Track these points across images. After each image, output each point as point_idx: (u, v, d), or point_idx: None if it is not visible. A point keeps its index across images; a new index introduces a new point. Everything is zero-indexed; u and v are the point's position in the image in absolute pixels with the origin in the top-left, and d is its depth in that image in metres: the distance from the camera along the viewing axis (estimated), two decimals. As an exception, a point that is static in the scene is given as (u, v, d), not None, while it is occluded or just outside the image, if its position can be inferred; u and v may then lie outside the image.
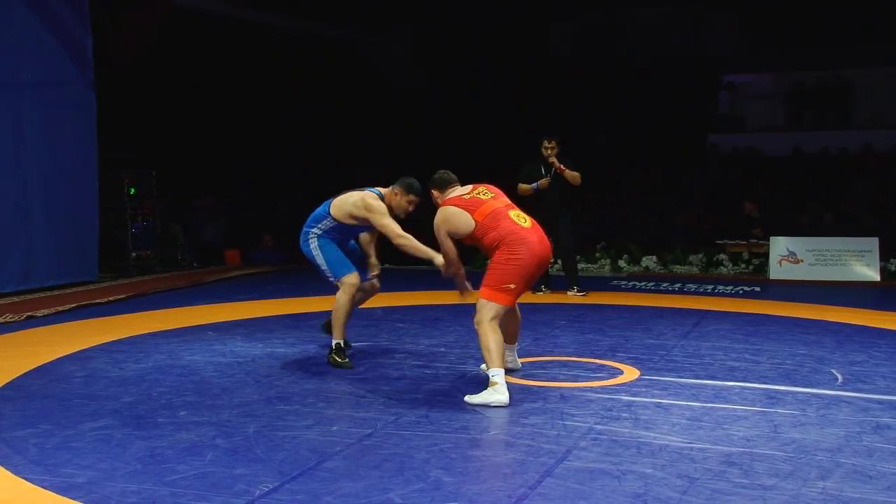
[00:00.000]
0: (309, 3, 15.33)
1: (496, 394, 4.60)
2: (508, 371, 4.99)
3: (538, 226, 5.00)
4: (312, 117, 15.22)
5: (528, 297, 8.09)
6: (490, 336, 4.69)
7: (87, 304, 8.31)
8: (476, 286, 5.03)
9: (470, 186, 5.16)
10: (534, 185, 8.61)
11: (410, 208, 5.64)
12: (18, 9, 9.02)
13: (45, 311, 7.81)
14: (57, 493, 3.37)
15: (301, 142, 15.51)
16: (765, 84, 17.83)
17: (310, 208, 5.92)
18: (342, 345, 5.63)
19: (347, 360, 5.56)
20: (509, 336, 5.16)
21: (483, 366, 4.99)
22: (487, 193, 5.07)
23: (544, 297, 8.74)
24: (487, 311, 4.75)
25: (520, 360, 5.49)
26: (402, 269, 12.04)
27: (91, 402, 4.71)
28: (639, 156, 15.93)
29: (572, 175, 8.68)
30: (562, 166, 8.64)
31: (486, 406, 4.56)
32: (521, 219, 4.97)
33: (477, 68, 17.52)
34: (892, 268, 10.43)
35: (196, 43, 14.16)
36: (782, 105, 17.45)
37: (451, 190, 5.21)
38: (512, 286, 4.79)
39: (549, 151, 8.71)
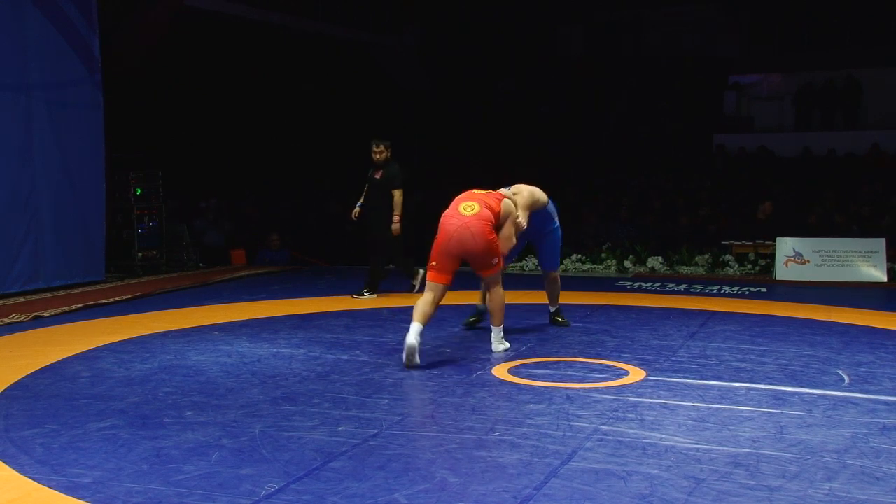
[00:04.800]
0: (316, 4, 15.36)
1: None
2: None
3: (477, 216, 5.77)
4: (320, 117, 15.25)
5: (538, 298, 8.10)
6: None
7: (94, 304, 8.33)
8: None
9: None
10: (396, 217, 8.55)
11: None
12: (27, 9, 9.05)
13: (52, 312, 7.83)
14: (63, 492, 3.38)
15: (308, 142, 15.53)
16: (772, 85, 17.80)
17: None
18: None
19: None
20: (418, 314, 5.61)
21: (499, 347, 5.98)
22: (479, 191, 6.07)
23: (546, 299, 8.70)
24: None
25: (418, 344, 5.54)
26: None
27: (97, 402, 4.72)
28: (645, 156, 15.92)
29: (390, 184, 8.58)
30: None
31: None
32: (465, 207, 5.85)
33: (485, 69, 17.52)
34: (900, 269, 10.39)
35: (204, 44, 14.20)
36: (790, 106, 17.40)
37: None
38: (433, 263, 5.79)
39: (378, 156, 8.63)
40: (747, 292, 9.32)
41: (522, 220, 6.30)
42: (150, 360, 5.81)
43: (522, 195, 6.45)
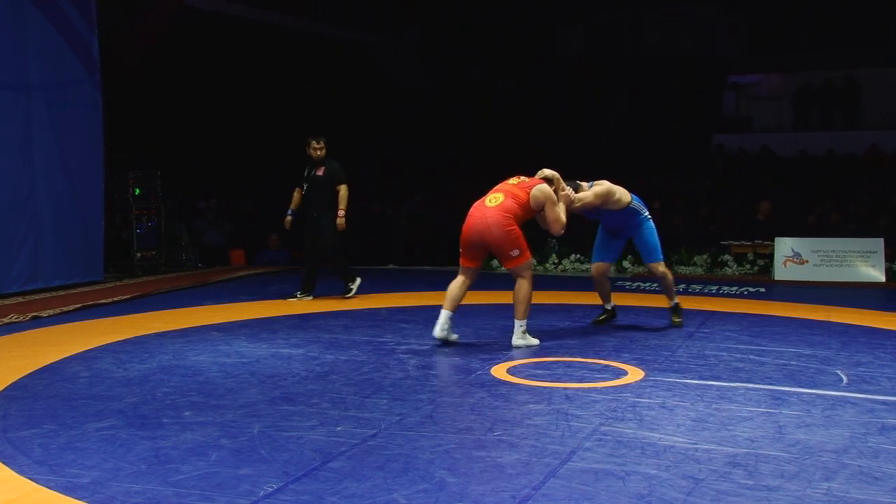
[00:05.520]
0: (316, 4, 15.36)
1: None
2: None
3: (500, 205, 5.99)
4: (320, 118, 15.23)
5: (534, 298, 8.09)
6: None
7: (92, 304, 8.33)
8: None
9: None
10: (341, 212, 8.50)
11: None
12: (27, 9, 9.05)
13: (50, 312, 7.82)
14: (62, 493, 3.38)
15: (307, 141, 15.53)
16: (771, 85, 17.80)
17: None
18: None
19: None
20: (447, 299, 6.11)
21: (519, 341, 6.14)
22: (513, 181, 6.25)
23: (549, 298, 8.72)
24: None
25: (454, 335, 6.20)
26: (406, 270, 12.06)
27: (96, 403, 4.72)
28: (645, 156, 15.92)
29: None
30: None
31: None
32: (491, 199, 6.08)
33: (485, 69, 17.53)
34: (898, 269, 10.40)
35: (203, 44, 14.19)
36: (789, 106, 17.41)
37: None
38: (461, 250, 6.15)
39: (320, 152, 8.61)
40: (746, 292, 9.32)
41: (571, 194, 6.41)
42: (148, 361, 5.81)
43: (601, 186, 6.62)
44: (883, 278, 10.20)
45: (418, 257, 12.81)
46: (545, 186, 6.24)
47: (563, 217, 6.27)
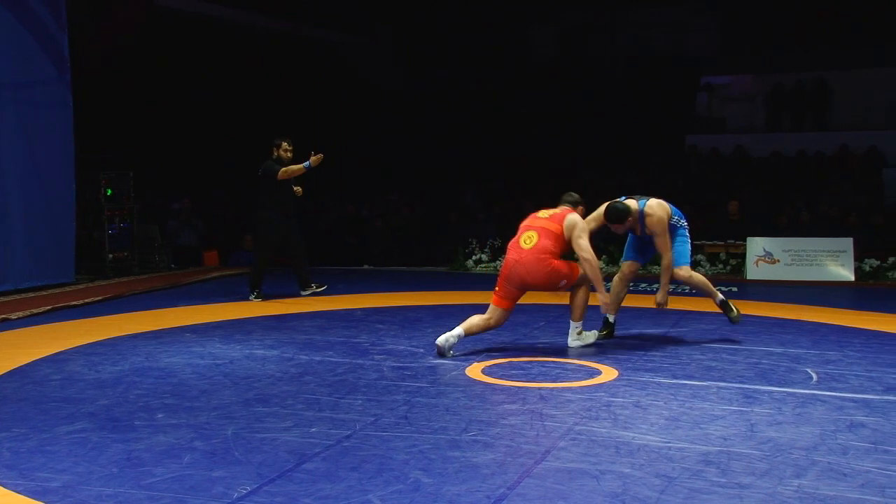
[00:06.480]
0: (289, 4, 15.29)
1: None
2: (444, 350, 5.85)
3: (534, 249, 5.85)
4: (292, 117, 15.18)
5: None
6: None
7: (63, 306, 8.24)
8: None
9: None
10: (305, 163, 8.42)
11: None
12: (-6, 8, 8.93)
13: (20, 314, 7.72)
14: (31, 497, 3.33)
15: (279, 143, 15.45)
16: (744, 85, 17.97)
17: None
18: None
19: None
20: (467, 321, 6.00)
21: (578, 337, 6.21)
22: (543, 214, 6.12)
23: (524, 298, 8.72)
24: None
25: (451, 353, 5.92)
26: (381, 270, 12.05)
27: (67, 405, 4.66)
28: (618, 156, 16.01)
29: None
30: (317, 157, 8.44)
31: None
32: (525, 239, 5.96)
33: (457, 69, 17.54)
34: (867, 268, 10.55)
35: (175, 44, 14.08)
36: (762, 107, 17.58)
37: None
38: (497, 289, 6.03)
39: (292, 154, 8.65)
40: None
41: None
42: (121, 363, 5.75)
43: (655, 218, 6.22)
44: (852, 277, 10.34)
45: (395, 257, 12.80)
46: (573, 218, 6.02)
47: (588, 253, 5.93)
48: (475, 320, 5.98)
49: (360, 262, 12.57)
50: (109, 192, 10.96)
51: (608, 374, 5.37)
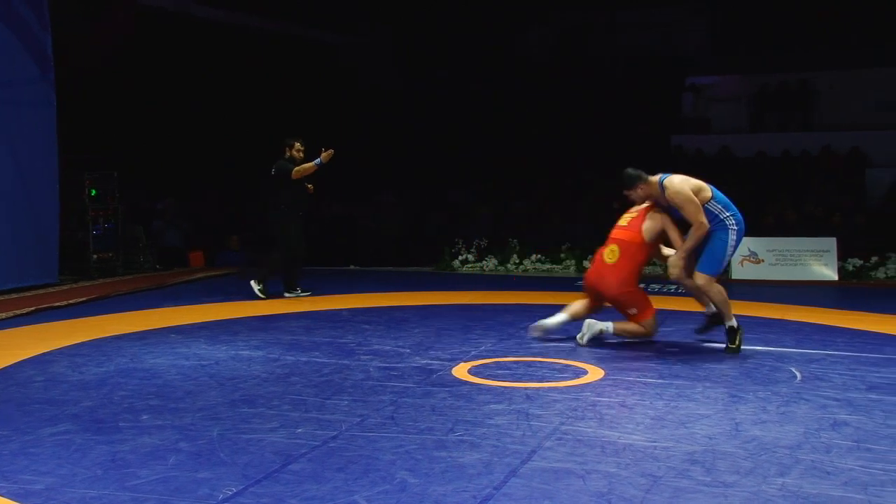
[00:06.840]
0: (283, 4, 15.24)
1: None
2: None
3: (615, 264, 6.14)
4: (292, 117, 15.13)
5: (495, 298, 8.13)
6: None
7: (47, 307, 8.18)
8: None
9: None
10: (317, 161, 8.50)
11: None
12: (-25, 7, 8.86)
13: (4, 315, 7.66)
14: (14, 499, 3.31)
15: (270, 143, 15.39)
16: (729, 86, 18.06)
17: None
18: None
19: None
20: (571, 306, 6.52)
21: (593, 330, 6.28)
22: (625, 219, 6.40)
23: (510, 298, 8.77)
24: None
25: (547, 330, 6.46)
26: (367, 271, 12.03)
27: (50, 407, 4.63)
28: (604, 157, 16.06)
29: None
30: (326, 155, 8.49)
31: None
32: (609, 253, 6.25)
33: (454, 70, 17.54)
34: (850, 267, 10.63)
35: (165, 44, 14.01)
36: (747, 107, 17.68)
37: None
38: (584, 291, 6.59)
39: (304, 154, 8.71)
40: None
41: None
42: (105, 364, 5.72)
43: (672, 190, 6.13)
44: (836, 276, 10.41)
45: (384, 258, 12.79)
46: (654, 218, 6.21)
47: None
48: (578, 306, 6.50)
49: (347, 263, 12.55)
50: (94, 192, 10.89)
51: (594, 373, 5.38)
